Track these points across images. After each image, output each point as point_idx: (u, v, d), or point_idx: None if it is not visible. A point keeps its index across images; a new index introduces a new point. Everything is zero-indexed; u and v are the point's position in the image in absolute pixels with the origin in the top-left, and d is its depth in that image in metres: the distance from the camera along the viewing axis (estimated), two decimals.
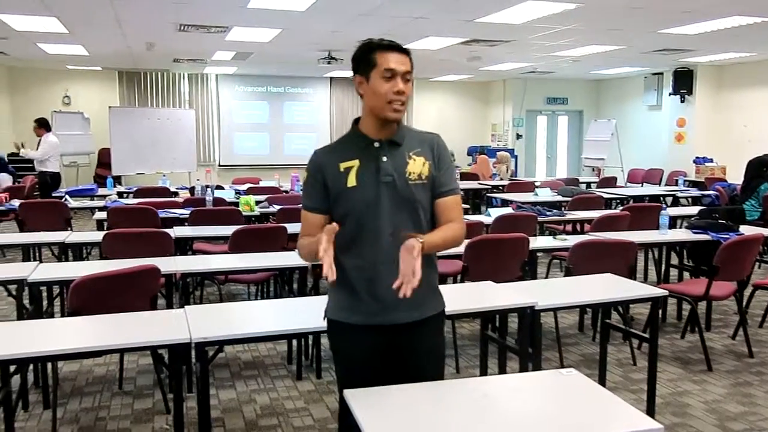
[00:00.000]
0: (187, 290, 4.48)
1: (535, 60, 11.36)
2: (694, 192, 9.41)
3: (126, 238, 4.75)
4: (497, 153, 12.20)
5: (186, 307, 3.05)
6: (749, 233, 4.87)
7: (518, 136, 14.58)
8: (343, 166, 2.11)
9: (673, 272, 5.90)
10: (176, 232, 5.21)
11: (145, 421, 3.52)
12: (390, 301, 2.09)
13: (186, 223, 5.87)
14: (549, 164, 15.34)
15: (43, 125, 9.34)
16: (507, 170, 11.81)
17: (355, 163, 2.11)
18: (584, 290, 3.39)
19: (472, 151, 14.19)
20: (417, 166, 2.14)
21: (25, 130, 12.67)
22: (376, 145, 2.13)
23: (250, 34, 8.40)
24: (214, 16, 7.32)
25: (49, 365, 3.57)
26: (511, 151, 13.58)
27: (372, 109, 2.12)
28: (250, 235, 4.86)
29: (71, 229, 7.02)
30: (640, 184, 11.69)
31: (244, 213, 6.43)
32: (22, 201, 6.95)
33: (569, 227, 6.54)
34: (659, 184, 11.58)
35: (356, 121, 2.20)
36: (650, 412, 3.43)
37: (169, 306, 4.01)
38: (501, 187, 9.68)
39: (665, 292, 3.31)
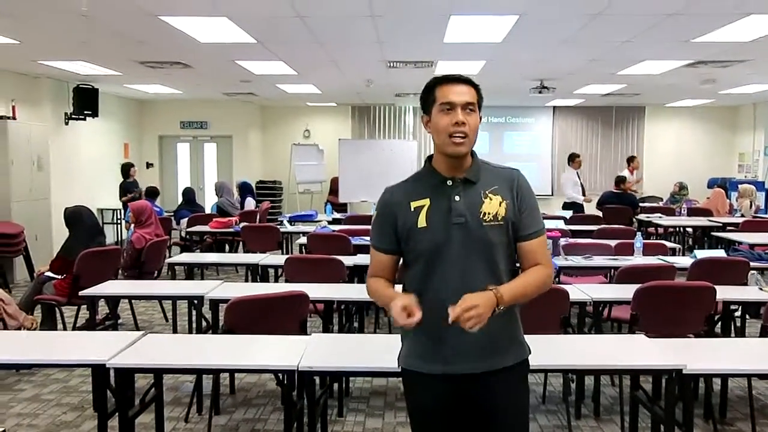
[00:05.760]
0: (350, 316, 4.65)
1: None
2: None
3: (304, 263, 5.11)
4: (739, 186, 10.76)
5: (313, 335, 3.18)
6: None
7: None
8: (414, 205, 2.03)
9: None
10: (355, 259, 5.47)
11: None
12: (462, 349, 2.00)
13: None
14: None
15: None
16: (751, 206, 10.36)
17: (426, 202, 2.02)
18: (755, 356, 2.84)
19: (713, 183, 12.68)
20: (493, 206, 2.01)
21: (273, 161, 14.38)
22: (449, 183, 2.03)
23: (456, 67, 8.53)
24: (415, 53, 7.59)
25: (211, 377, 3.94)
26: (761, 185, 11.88)
27: (438, 147, 2.04)
28: None
29: (282, 251, 7.78)
30: None
31: None
32: (245, 225, 7.83)
33: None
34: None
35: (429, 158, 2.11)
36: None
37: (326, 330, 4.21)
38: (736, 226, 8.54)
39: None
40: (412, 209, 2.03)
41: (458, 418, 2.06)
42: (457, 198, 2.01)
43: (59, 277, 5.39)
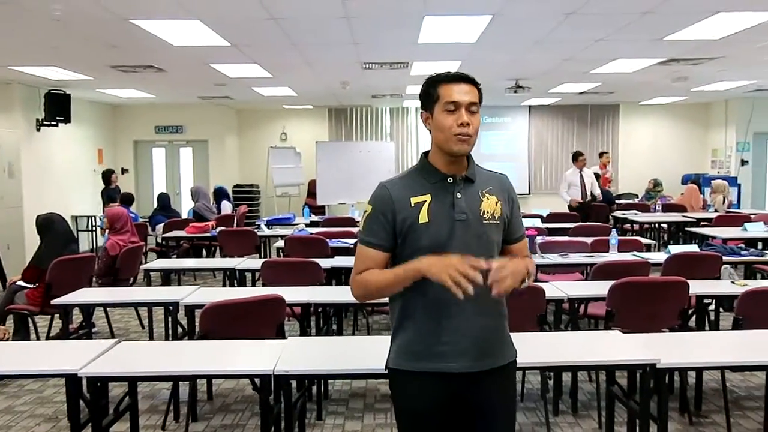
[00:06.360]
0: (328, 319, 4.63)
1: (760, 77, 10.02)
2: None
3: (281, 266, 5.08)
4: (711, 182, 10.93)
5: (290, 338, 3.16)
6: None
7: (743, 163, 12.92)
8: (414, 200, 2.00)
9: None
10: (333, 261, 5.45)
11: None
12: (459, 347, 1.99)
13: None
14: None
15: None
16: (723, 201, 10.53)
17: (427, 198, 2.00)
18: (728, 348, 2.87)
19: (686, 180, 12.87)
20: (490, 204, 2.04)
21: (250, 164, 14.29)
22: (450, 180, 2.02)
23: (432, 68, 8.55)
24: (391, 53, 7.60)
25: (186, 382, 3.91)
26: (733, 180, 12.09)
27: (439, 144, 2.02)
28: None
29: (260, 255, 7.73)
30: None
31: None
32: (221, 229, 7.77)
33: None
34: None
35: (425, 154, 2.11)
36: None
37: (303, 333, 4.18)
38: (710, 221, 8.66)
39: None
40: (413, 205, 2.00)
41: (449, 418, 2.04)
42: (458, 195, 2.01)
43: (32, 286, 5.30)
